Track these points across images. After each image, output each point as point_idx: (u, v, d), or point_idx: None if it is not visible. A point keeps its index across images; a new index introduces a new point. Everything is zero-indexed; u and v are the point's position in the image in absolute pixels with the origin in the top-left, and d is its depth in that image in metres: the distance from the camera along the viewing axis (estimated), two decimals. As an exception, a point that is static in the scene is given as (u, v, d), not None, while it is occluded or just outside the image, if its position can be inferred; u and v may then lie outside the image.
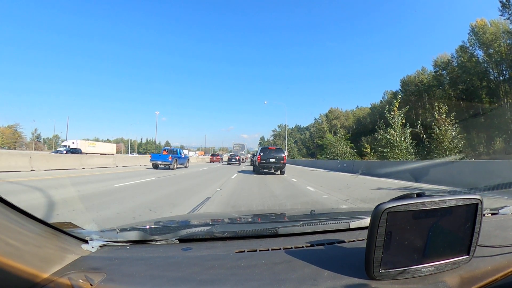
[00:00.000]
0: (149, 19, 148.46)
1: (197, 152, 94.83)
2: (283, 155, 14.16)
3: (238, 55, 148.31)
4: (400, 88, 54.33)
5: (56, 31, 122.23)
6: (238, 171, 16.21)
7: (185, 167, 19.03)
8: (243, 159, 36.23)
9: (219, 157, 37.85)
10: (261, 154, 14.09)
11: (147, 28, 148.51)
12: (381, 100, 61.19)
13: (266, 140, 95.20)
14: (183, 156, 19.34)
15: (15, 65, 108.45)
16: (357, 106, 76.95)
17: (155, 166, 16.59)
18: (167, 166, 16.33)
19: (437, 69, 46.71)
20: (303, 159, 56.54)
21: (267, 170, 14.13)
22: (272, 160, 13.83)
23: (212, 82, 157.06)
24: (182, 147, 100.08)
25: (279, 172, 13.99)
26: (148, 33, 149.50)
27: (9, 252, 0.56)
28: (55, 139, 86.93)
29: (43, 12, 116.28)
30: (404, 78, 54.23)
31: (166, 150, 18.19)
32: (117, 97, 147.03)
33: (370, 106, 68.53)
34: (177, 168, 17.13)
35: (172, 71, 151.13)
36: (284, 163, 13.87)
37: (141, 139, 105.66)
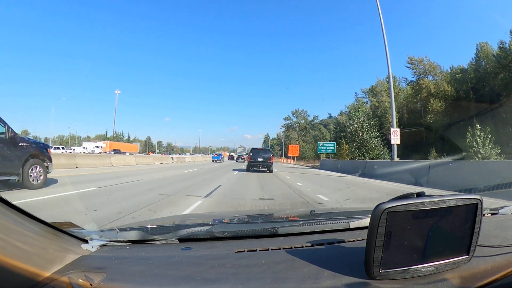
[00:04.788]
0: (158, 26, 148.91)
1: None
2: (270, 155, 16.38)
3: (240, 59, 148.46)
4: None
5: (56, 36, 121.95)
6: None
7: (222, 161, 40.70)
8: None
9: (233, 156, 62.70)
10: (251, 154, 16.37)
11: (159, 35, 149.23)
12: (475, 57, 33.57)
13: (272, 138, 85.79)
14: (223, 156, 46.64)
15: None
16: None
17: (213, 160, 40.43)
18: (218, 161, 39.16)
19: None
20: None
21: (256, 168, 16.06)
22: (260, 159, 15.86)
23: (214, 84, 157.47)
24: (169, 144, 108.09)
25: (267, 170, 15.95)
26: (160, 40, 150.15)
27: (9, 252, 0.57)
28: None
29: (50, 19, 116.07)
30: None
31: (216, 153, 48.20)
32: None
33: (450, 69, 36.83)
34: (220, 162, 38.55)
35: (174, 74, 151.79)
36: (271, 162, 16.03)
37: (106, 132, 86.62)
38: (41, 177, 6.27)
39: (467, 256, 0.71)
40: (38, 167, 6.19)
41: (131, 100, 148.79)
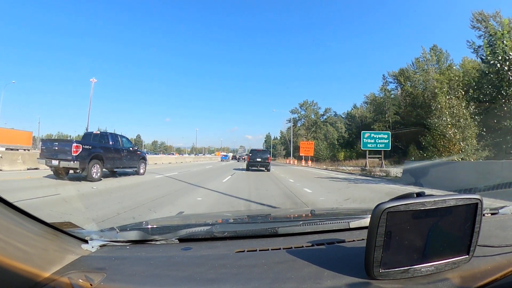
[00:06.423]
0: (153, 21, 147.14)
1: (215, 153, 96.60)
2: (268, 155, 18.13)
3: (240, 56, 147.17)
4: None
5: (58, 33, 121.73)
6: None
7: (228, 161, 45.67)
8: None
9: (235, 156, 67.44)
10: (250, 155, 18.15)
11: (152, 30, 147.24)
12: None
13: (274, 138, 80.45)
14: (228, 156, 58.54)
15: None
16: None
17: (221, 160, 49.37)
18: (224, 160, 47.53)
19: None
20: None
21: (255, 168, 17.69)
22: (258, 159, 17.43)
23: (214, 83, 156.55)
24: (163, 143, 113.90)
25: (265, 169, 17.46)
26: (154, 35, 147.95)
27: (9, 252, 0.57)
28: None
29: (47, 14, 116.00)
30: None
31: (223, 154, 62.01)
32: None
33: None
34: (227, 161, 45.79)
35: (173, 72, 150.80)
36: (268, 162, 17.63)
37: (86, 129, 72.66)
38: (144, 169, 11.90)
39: (467, 256, 0.71)
40: (143, 164, 11.89)
41: (131, 99, 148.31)
